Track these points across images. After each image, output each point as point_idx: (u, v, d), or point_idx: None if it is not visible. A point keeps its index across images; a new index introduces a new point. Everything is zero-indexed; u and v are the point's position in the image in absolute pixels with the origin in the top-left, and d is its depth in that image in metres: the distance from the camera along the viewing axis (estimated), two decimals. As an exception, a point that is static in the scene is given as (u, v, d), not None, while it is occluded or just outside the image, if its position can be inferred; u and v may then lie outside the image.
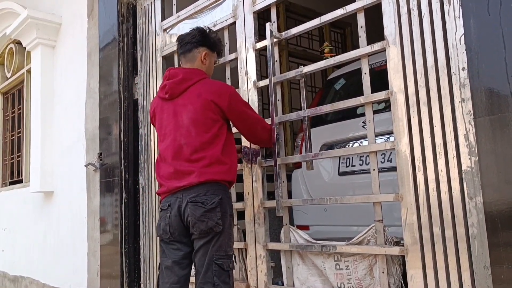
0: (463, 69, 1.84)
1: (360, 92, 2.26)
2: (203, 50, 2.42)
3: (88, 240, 3.98)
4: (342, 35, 6.22)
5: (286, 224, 2.57)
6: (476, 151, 1.79)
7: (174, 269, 2.30)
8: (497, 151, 1.72)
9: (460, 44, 1.85)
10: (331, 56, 2.67)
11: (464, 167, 1.83)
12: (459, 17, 1.86)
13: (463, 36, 1.84)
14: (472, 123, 1.80)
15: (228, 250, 2.24)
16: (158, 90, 2.56)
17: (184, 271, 2.31)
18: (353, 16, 2.31)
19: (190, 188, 2.23)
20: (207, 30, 2.49)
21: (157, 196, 3.37)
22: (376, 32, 2.45)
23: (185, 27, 3.30)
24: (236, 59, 2.85)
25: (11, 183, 5.77)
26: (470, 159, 1.81)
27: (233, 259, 2.27)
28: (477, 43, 1.79)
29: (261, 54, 2.91)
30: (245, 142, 2.71)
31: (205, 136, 2.25)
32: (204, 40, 2.44)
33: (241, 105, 2.37)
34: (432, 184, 1.94)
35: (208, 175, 2.22)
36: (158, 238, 3.27)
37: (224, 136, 2.29)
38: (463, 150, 1.83)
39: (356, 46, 2.28)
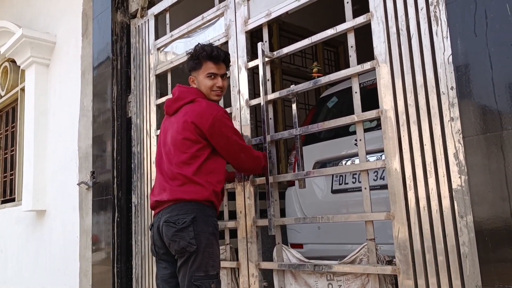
0: (452, 88, 1.86)
1: (352, 110, 2.27)
2: (190, 75, 2.47)
3: (80, 259, 3.94)
4: (335, 53, 6.29)
5: (278, 243, 2.56)
6: (466, 169, 1.80)
7: (164, 287, 2.33)
8: (486, 170, 1.73)
9: (449, 63, 1.88)
10: (319, 76, 2.69)
11: (454, 186, 1.84)
12: (447, 37, 1.88)
13: (451, 56, 1.86)
14: (461, 142, 1.81)
15: (209, 270, 2.18)
16: None
17: None
18: (345, 35, 2.34)
19: (167, 208, 2.27)
20: (190, 52, 2.48)
21: (149, 215, 3.36)
22: (368, 50, 2.47)
23: (179, 46, 3.33)
24: (228, 77, 2.87)
25: (4, 202, 5.72)
26: (460, 177, 1.82)
27: (218, 278, 2.22)
28: (465, 63, 1.81)
29: (254, 73, 2.93)
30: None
31: (182, 156, 2.27)
32: (188, 66, 2.49)
33: (225, 129, 2.29)
34: (423, 203, 1.94)
35: (178, 193, 2.24)
36: (152, 257, 3.28)
37: (203, 157, 2.27)
38: (453, 168, 1.84)
39: (349, 64, 2.30)
